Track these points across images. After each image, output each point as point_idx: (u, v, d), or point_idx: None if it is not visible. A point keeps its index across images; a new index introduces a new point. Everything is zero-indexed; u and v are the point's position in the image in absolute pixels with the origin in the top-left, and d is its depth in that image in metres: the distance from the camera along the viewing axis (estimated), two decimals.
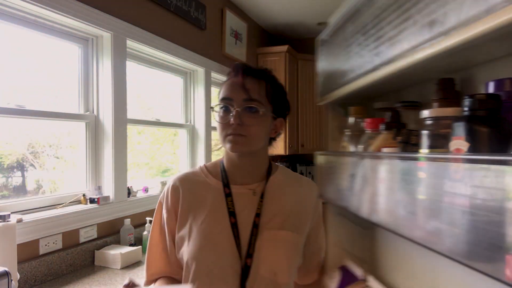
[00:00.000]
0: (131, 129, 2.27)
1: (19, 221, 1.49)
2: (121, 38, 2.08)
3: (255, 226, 0.92)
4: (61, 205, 1.80)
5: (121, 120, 2.08)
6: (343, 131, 1.28)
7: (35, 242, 1.60)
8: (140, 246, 1.96)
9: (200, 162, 2.99)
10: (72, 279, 1.64)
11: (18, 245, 1.42)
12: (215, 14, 3.19)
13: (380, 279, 0.94)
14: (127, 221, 2.03)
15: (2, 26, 1.58)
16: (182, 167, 2.93)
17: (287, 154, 3.93)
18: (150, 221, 2.09)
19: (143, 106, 2.56)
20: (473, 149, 0.60)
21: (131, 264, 1.83)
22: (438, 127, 0.72)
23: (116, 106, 2.04)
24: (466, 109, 0.63)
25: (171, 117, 2.84)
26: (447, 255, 0.60)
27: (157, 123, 2.65)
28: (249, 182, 0.98)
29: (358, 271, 0.99)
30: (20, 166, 1.71)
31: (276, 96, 0.97)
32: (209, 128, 3.06)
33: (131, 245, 2.00)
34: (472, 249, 0.55)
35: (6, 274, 1.20)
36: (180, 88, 2.94)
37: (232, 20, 3.43)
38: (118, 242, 2.00)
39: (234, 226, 0.91)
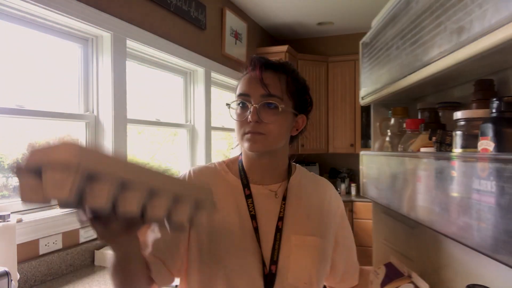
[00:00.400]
0: (131, 129, 2.27)
1: (19, 221, 1.49)
2: (121, 38, 2.08)
3: (279, 231, 0.87)
4: None
5: (121, 120, 2.08)
6: (386, 131, 1.32)
7: (35, 242, 1.60)
8: None
9: (200, 162, 2.98)
10: (72, 279, 1.64)
11: (18, 245, 1.42)
12: (215, 14, 3.19)
13: (424, 276, 0.96)
14: None
15: (1, 26, 1.58)
16: (182, 167, 2.93)
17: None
18: None
19: (143, 106, 2.55)
20: (499, 149, 0.64)
21: None
22: (470, 127, 0.76)
23: (116, 106, 2.04)
24: (493, 110, 0.67)
25: (171, 117, 2.84)
26: (476, 249, 0.64)
27: (157, 123, 2.65)
28: (269, 182, 0.93)
29: (403, 268, 1.00)
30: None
31: (297, 91, 0.90)
32: (209, 128, 3.06)
33: None
34: (499, 243, 0.59)
35: (6, 274, 1.20)
36: (180, 88, 2.94)
37: (232, 20, 3.43)
38: None
39: (256, 231, 0.85)
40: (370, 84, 1.35)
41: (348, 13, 3.86)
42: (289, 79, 0.88)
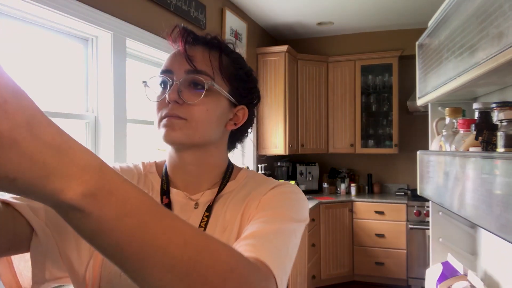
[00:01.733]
0: (130, 129, 2.27)
1: None
2: (121, 38, 2.08)
3: None
4: None
5: (121, 120, 2.08)
6: (442, 131, 1.37)
7: None
8: None
9: None
10: None
11: None
12: (215, 14, 3.19)
13: (481, 275, 0.98)
14: None
15: (0, 25, 1.58)
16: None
17: (287, 154, 3.93)
18: None
19: (143, 106, 2.55)
20: None
21: None
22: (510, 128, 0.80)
23: (116, 106, 2.04)
24: None
25: None
26: None
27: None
28: (195, 189, 0.74)
29: (459, 266, 1.02)
30: None
31: (237, 76, 0.73)
32: None
33: None
34: None
35: None
36: None
37: (232, 20, 3.43)
38: None
39: None
40: (425, 85, 1.41)
41: (348, 13, 3.86)
42: (225, 58, 0.72)
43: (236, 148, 0.84)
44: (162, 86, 0.70)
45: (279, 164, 4.39)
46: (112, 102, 2.02)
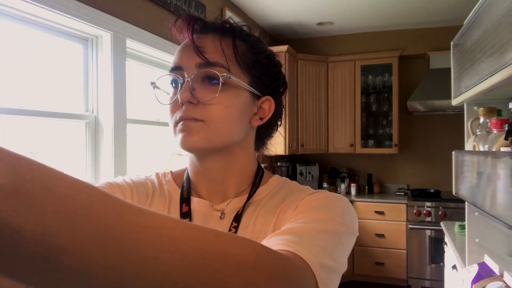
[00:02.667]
0: (130, 129, 2.27)
1: None
2: (121, 38, 2.08)
3: None
4: None
5: (121, 120, 2.08)
6: (475, 131, 1.39)
7: None
8: None
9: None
10: None
11: None
12: (215, 14, 3.19)
13: None
14: None
15: (0, 25, 1.58)
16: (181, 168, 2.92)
17: (287, 154, 3.93)
18: None
19: (143, 106, 2.55)
20: None
21: None
22: None
23: (116, 106, 2.04)
24: None
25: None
26: None
27: (157, 123, 2.65)
28: (221, 197, 0.65)
29: (495, 267, 1.02)
30: None
31: (255, 61, 0.63)
32: None
33: None
34: None
35: None
36: None
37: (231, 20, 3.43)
38: None
39: None
40: (459, 84, 1.43)
41: (348, 13, 3.86)
42: (240, 44, 0.62)
43: (266, 146, 0.74)
44: (173, 85, 0.61)
45: (279, 164, 4.39)
46: (112, 102, 2.02)
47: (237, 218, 0.61)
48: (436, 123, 4.30)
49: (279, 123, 0.73)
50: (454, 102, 1.53)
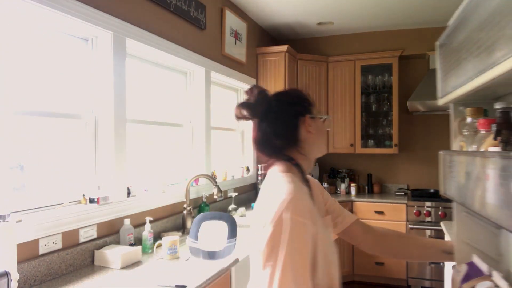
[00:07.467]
0: (130, 129, 2.27)
1: (19, 221, 1.49)
2: (121, 38, 2.08)
3: None
4: (60, 205, 1.80)
5: (121, 120, 2.08)
6: (462, 131, 1.38)
7: (35, 242, 1.60)
8: (140, 246, 1.95)
9: (200, 162, 2.98)
10: (72, 279, 1.64)
11: (17, 245, 1.42)
12: (215, 14, 3.19)
13: (506, 275, 0.99)
14: (127, 221, 2.03)
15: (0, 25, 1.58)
16: (182, 167, 2.93)
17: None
18: (150, 221, 2.10)
19: (143, 106, 2.55)
20: None
21: (130, 264, 1.83)
22: None
23: (116, 106, 2.04)
24: None
25: (171, 117, 2.84)
26: None
27: (157, 123, 2.65)
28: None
29: (484, 267, 1.02)
30: (20, 166, 1.71)
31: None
32: (208, 128, 3.06)
33: (130, 245, 2.00)
34: None
35: (5, 274, 1.20)
36: (180, 88, 2.94)
37: (232, 20, 3.43)
38: (117, 242, 2.00)
39: None
40: (446, 84, 1.45)
41: (348, 13, 3.86)
42: None
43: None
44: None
45: None
46: (112, 102, 2.02)
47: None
48: (436, 123, 4.30)
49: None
50: (440, 102, 1.53)
